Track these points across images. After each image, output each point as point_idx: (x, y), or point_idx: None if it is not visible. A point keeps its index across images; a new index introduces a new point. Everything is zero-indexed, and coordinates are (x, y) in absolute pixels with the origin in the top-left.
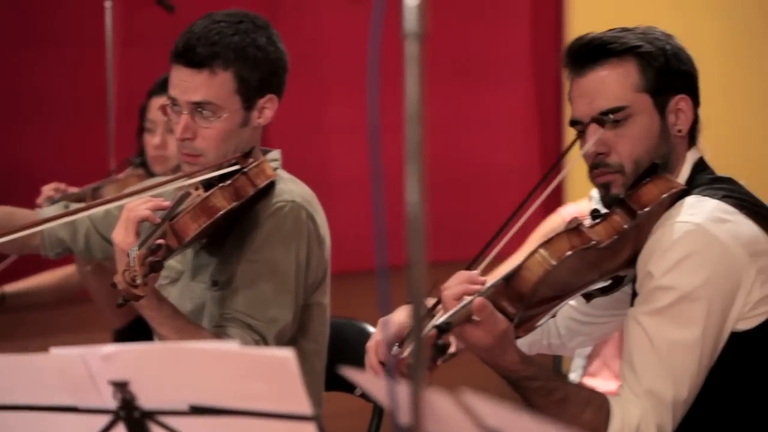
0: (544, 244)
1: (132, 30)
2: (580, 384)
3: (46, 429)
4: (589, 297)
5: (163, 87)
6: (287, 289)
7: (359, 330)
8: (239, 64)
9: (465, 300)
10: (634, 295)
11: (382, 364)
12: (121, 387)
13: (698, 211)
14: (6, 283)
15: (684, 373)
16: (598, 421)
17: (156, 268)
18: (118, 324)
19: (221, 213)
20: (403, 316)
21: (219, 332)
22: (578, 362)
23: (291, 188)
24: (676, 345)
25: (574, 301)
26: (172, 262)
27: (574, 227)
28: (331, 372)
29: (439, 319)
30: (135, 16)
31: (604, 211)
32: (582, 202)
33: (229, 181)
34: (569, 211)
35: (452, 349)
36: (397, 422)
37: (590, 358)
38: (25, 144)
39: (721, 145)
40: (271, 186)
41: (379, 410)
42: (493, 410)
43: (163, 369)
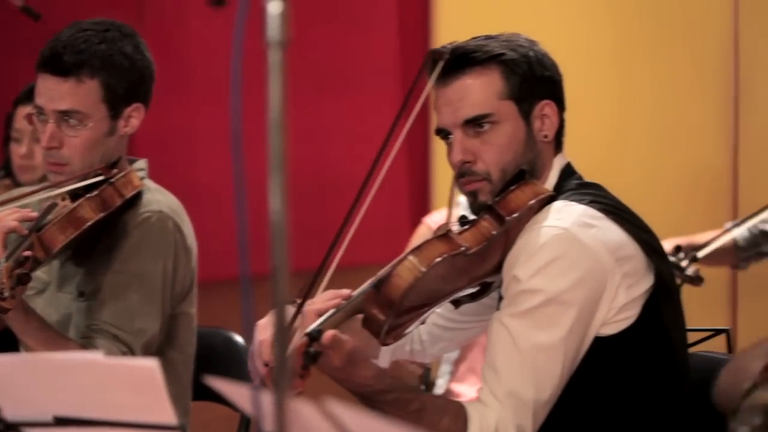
0: (414, 251)
1: None
2: (434, 394)
3: None
4: (457, 303)
5: (29, 96)
6: (154, 300)
7: (226, 339)
8: (106, 73)
9: (331, 311)
10: (501, 299)
11: (267, 366)
12: None
13: (565, 215)
14: None
15: (546, 376)
16: (456, 428)
17: (23, 280)
18: None
19: (89, 224)
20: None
21: (86, 343)
22: (445, 368)
23: (158, 198)
24: (540, 347)
25: (440, 308)
26: (38, 272)
27: (444, 234)
28: (198, 381)
29: (311, 326)
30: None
31: (472, 217)
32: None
33: (96, 192)
34: (435, 220)
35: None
36: (262, 431)
37: (457, 363)
38: None
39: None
40: (137, 196)
41: (246, 420)
42: (355, 417)
43: (28, 380)
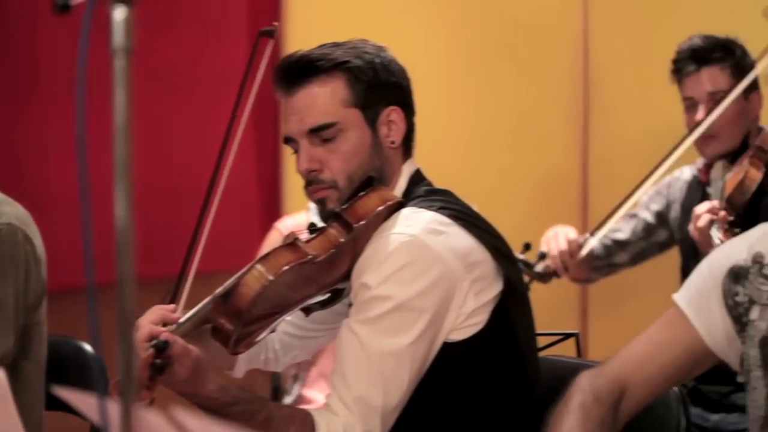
0: (261, 260)
1: None
2: (281, 403)
3: None
4: (308, 311)
5: None
6: (7, 316)
7: (75, 348)
8: None
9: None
10: (351, 305)
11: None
12: None
13: (414, 222)
14: None
15: (394, 382)
16: None
17: None
18: None
19: None
20: (150, 317)
21: None
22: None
23: (6, 210)
24: (388, 353)
25: (290, 316)
26: None
27: (291, 242)
28: (48, 391)
29: (158, 338)
30: None
31: (321, 224)
32: (299, 215)
33: None
34: (286, 225)
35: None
36: None
37: (308, 369)
38: None
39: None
40: None
41: (96, 430)
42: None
43: None
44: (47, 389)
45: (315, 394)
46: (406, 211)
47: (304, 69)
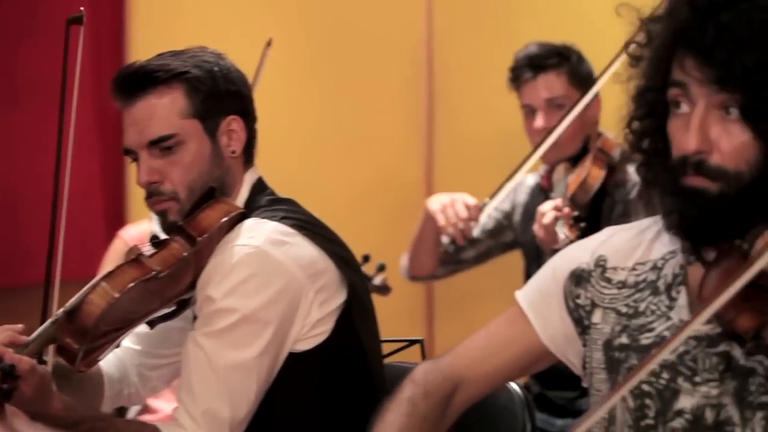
0: (106, 277)
1: None
2: (128, 419)
3: None
4: (152, 324)
5: None
6: None
7: None
8: None
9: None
10: (195, 318)
11: None
12: None
13: (257, 233)
14: None
15: (242, 394)
16: None
17: None
18: None
19: None
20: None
21: None
22: None
23: None
24: (235, 366)
25: (140, 348)
26: None
27: (135, 258)
28: None
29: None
30: None
31: (164, 236)
32: (143, 224)
33: None
34: (131, 234)
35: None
36: None
37: None
38: None
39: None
40: None
41: None
42: None
43: None
44: None
45: (161, 404)
46: (249, 222)
47: (142, 80)
